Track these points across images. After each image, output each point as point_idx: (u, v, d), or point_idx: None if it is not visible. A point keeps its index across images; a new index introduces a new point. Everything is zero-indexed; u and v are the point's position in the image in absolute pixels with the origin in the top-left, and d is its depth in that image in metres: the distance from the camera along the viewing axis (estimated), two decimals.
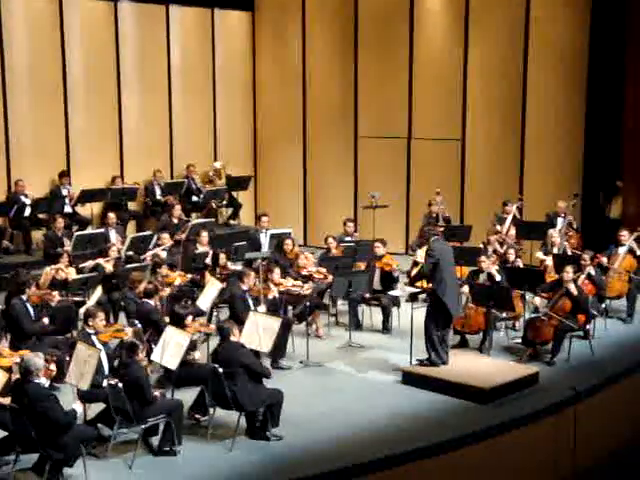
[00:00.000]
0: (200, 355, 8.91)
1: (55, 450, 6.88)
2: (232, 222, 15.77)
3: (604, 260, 11.28)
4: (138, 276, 10.07)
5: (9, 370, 7.41)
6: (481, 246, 12.04)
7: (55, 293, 9.79)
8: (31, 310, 9.25)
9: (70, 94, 14.27)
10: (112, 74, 14.73)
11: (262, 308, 9.69)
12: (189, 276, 11.02)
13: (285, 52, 16.35)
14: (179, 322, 8.67)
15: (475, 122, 14.75)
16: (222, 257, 11.36)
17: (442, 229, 12.63)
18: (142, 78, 15.11)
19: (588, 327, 10.23)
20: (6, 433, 7.25)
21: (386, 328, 11.11)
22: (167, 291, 10.24)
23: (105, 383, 7.69)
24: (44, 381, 7.03)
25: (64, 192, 13.80)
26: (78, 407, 7.17)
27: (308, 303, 10.37)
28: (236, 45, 16.44)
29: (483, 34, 14.52)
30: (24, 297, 9.27)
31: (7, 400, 7.17)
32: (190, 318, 8.87)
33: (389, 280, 11.30)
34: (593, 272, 10.52)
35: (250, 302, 9.79)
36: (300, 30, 16.06)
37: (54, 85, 14.09)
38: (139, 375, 7.56)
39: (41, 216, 13.47)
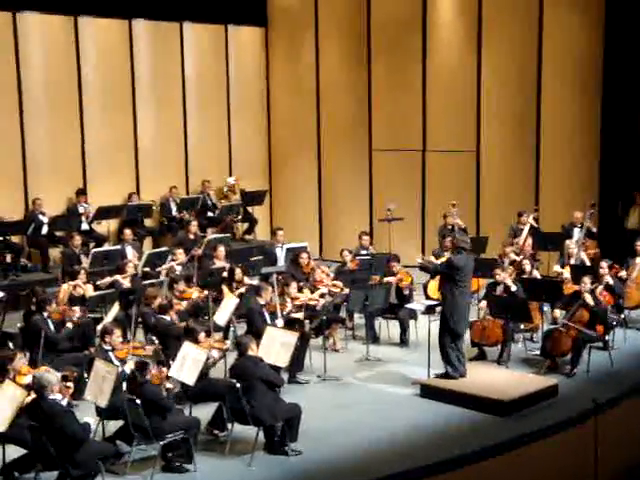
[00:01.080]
0: (218, 355, 8.91)
1: (74, 467, 6.89)
2: (248, 237, 15.80)
3: (623, 273, 11.21)
4: (153, 292, 10.10)
5: (28, 387, 7.42)
6: (497, 258, 11.99)
7: (76, 308, 9.84)
8: (52, 326, 9.33)
9: (86, 112, 14.38)
10: (127, 91, 14.84)
11: (280, 322, 9.69)
12: (206, 292, 11.04)
13: (298, 66, 16.41)
14: (193, 338, 8.67)
15: (490, 133, 14.72)
16: (238, 272, 11.37)
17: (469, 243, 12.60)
18: (157, 95, 15.20)
19: (607, 338, 10.16)
20: (26, 451, 7.28)
21: (403, 341, 11.08)
22: (183, 305, 10.27)
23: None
24: (59, 397, 7.05)
25: (81, 210, 13.88)
26: (91, 420, 7.17)
27: (325, 317, 10.36)
28: (250, 60, 16.52)
29: (497, 44, 14.51)
30: (45, 314, 9.35)
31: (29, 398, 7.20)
32: (203, 334, 8.85)
33: (402, 296, 11.27)
34: (611, 282, 10.45)
35: (267, 317, 9.79)
36: (313, 44, 16.13)
37: (70, 103, 14.20)
38: (153, 391, 7.56)
39: (58, 234, 13.56)
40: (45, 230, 13.34)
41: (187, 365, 8.14)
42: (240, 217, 15.63)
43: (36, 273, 13.17)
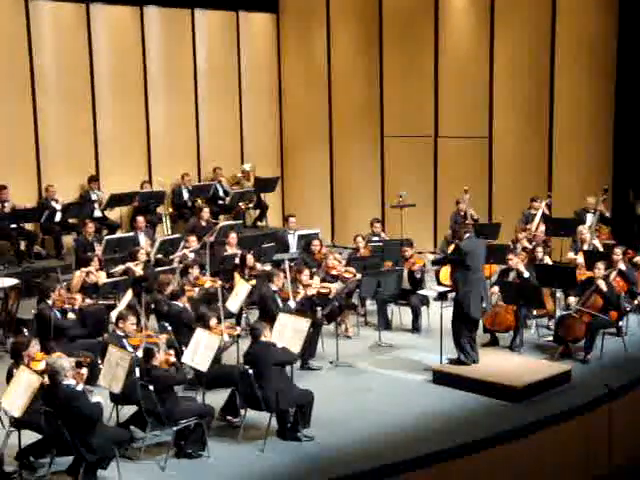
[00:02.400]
0: (229, 340, 8.94)
1: (89, 452, 6.94)
2: (259, 224, 15.81)
3: (637, 258, 11.16)
4: (166, 279, 10.14)
5: (43, 374, 7.47)
6: (510, 244, 11.96)
7: (78, 297, 9.88)
8: (58, 314, 9.38)
9: (98, 100, 14.39)
10: (139, 79, 14.84)
11: (292, 306, 9.70)
12: (220, 282, 11.05)
13: (310, 53, 16.37)
14: (204, 324, 8.70)
15: (502, 119, 14.65)
16: (250, 258, 11.39)
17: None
18: (169, 82, 15.20)
19: (621, 324, 10.13)
20: (41, 436, 7.34)
21: (415, 327, 11.08)
22: (196, 291, 10.30)
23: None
24: (73, 383, 7.10)
25: (93, 197, 13.92)
26: (101, 399, 7.21)
27: (337, 303, 10.36)
28: (261, 47, 16.49)
29: (509, 30, 14.41)
30: (49, 302, 9.42)
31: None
32: (215, 320, 8.88)
33: (416, 281, 11.26)
34: (624, 268, 10.41)
35: (279, 303, 9.81)
36: (325, 31, 16.07)
37: (82, 91, 14.22)
38: (163, 376, 7.60)
39: (71, 221, 13.60)
40: (58, 217, 13.38)
41: (200, 351, 8.16)
42: (252, 204, 15.64)
43: (50, 260, 13.23)
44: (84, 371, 7.41)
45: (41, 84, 13.79)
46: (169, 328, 9.13)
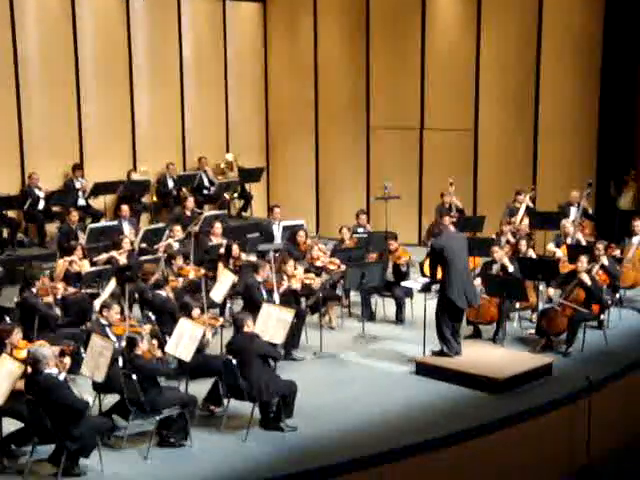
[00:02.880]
0: (212, 339, 8.94)
1: (71, 441, 6.93)
2: (244, 214, 15.79)
3: (617, 252, 11.24)
4: (150, 268, 10.13)
5: (25, 362, 7.45)
6: (494, 237, 12.01)
7: (60, 286, 9.84)
8: (41, 303, 9.34)
9: (82, 87, 14.31)
10: (124, 67, 14.76)
11: (276, 298, 9.71)
12: (203, 271, 11.04)
13: (297, 43, 16.33)
14: (187, 314, 8.69)
15: (488, 112, 14.69)
16: (235, 248, 11.38)
17: (455, 220, 12.65)
18: (154, 71, 15.13)
19: (602, 317, 10.20)
20: (22, 424, 7.32)
21: (399, 319, 11.11)
22: (180, 281, 10.28)
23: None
24: (55, 371, 7.08)
25: (77, 185, 13.85)
26: (89, 398, 7.20)
27: (321, 295, 10.38)
28: (248, 37, 16.43)
29: (495, 23, 14.44)
30: (34, 290, 9.37)
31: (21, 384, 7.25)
32: (198, 310, 8.86)
33: (401, 273, 11.29)
34: (607, 262, 10.48)
35: (264, 293, 9.81)
36: (312, 21, 16.04)
37: (66, 78, 14.13)
38: (146, 366, 7.60)
39: (55, 209, 13.54)
40: (42, 205, 13.32)
41: (183, 341, 8.16)
42: (237, 194, 15.61)
43: (33, 248, 13.16)
44: (67, 360, 7.40)
45: (25, 72, 13.69)
46: (153, 318, 9.12)
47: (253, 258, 11.56)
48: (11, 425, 7.39)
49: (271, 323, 8.72)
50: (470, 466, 8.00)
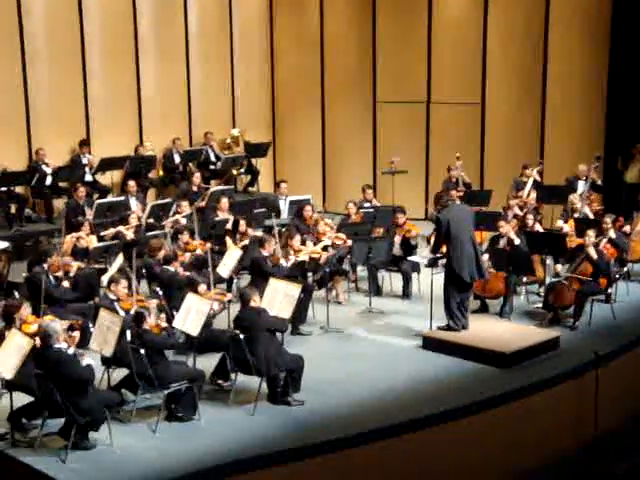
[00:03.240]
0: (219, 309, 8.97)
1: (80, 415, 7.00)
2: (250, 189, 15.77)
3: (626, 227, 11.21)
4: (157, 243, 10.13)
5: (34, 336, 7.50)
6: (501, 211, 11.98)
7: (74, 263, 9.87)
8: (52, 278, 9.37)
9: (88, 62, 14.25)
10: (130, 42, 14.68)
11: (285, 264, 9.73)
12: (209, 245, 11.05)
13: (303, 17, 16.20)
14: (193, 289, 8.71)
15: (495, 85, 14.59)
16: (242, 223, 11.39)
17: (461, 194, 12.61)
18: (160, 45, 15.05)
19: (610, 291, 10.19)
20: (32, 398, 7.38)
21: (406, 294, 11.12)
22: (187, 256, 10.30)
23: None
24: (65, 346, 7.13)
25: (84, 160, 13.85)
26: (92, 362, 7.24)
27: (328, 269, 10.39)
28: (254, 11, 16.30)
29: None
30: (45, 266, 9.40)
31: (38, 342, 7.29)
32: (204, 286, 8.87)
33: (409, 246, 11.29)
34: (614, 236, 10.44)
35: (270, 268, 9.81)
36: None
37: (73, 54, 14.07)
38: (155, 339, 7.64)
39: (62, 185, 13.55)
40: (49, 181, 13.34)
41: (191, 316, 8.19)
42: (243, 169, 15.59)
43: (40, 224, 13.19)
44: (76, 334, 7.45)
45: (31, 47, 13.62)
46: (160, 292, 9.15)
47: (260, 233, 11.56)
48: (22, 399, 7.45)
49: (278, 298, 8.73)
50: (477, 439, 8.04)
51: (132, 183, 12.91)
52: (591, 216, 11.71)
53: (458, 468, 7.94)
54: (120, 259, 9.95)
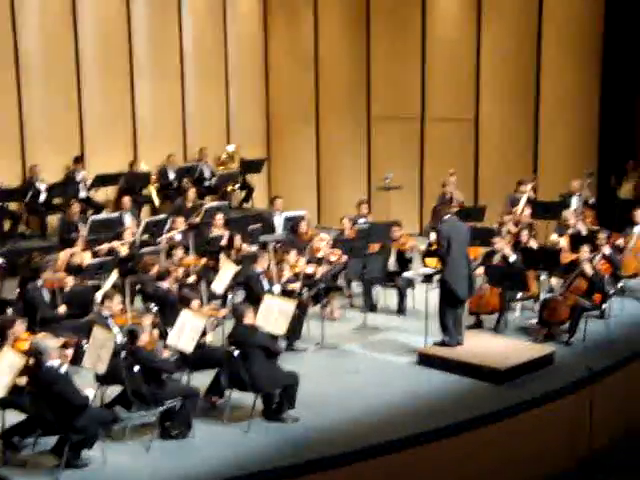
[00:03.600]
0: (212, 339, 8.94)
1: (74, 432, 6.96)
2: (245, 205, 15.78)
3: (620, 241, 11.24)
4: (151, 259, 10.12)
5: (28, 353, 7.46)
6: (495, 226, 11.99)
7: (69, 278, 9.84)
8: (46, 295, 9.32)
9: (83, 79, 14.28)
10: (125, 58, 14.73)
11: (277, 288, 9.71)
12: (203, 260, 11.04)
13: (297, 34, 16.28)
14: (186, 306, 8.68)
15: (489, 102, 14.66)
16: (238, 239, 11.37)
17: (456, 209, 12.63)
18: (155, 62, 15.09)
19: (604, 307, 10.20)
20: (25, 416, 7.33)
21: (401, 310, 11.11)
22: (181, 272, 10.27)
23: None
24: (57, 363, 7.09)
25: (78, 177, 13.84)
26: (90, 392, 7.22)
27: (323, 285, 10.38)
28: (248, 27, 16.38)
29: (497, 13, 14.39)
30: (39, 282, 9.36)
31: (23, 381, 7.26)
32: (197, 302, 8.84)
33: (404, 260, 11.29)
34: (609, 251, 10.47)
35: (265, 284, 9.81)
36: (312, 11, 15.99)
37: (67, 71, 14.10)
38: (149, 357, 7.61)
39: (56, 201, 13.53)
40: (43, 197, 13.32)
41: (185, 333, 8.16)
42: (238, 185, 15.60)
43: (34, 240, 13.16)
44: (69, 352, 7.41)
45: (26, 64, 13.66)
46: (154, 309, 9.12)
47: (255, 249, 11.55)
48: (14, 417, 7.41)
49: (273, 314, 8.72)
50: (472, 456, 8.01)
51: (126, 199, 12.90)
52: (585, 232, 11.74)
53: None
54: (114, 275, 9.93)
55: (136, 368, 7.53)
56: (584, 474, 8.56)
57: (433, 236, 11.61)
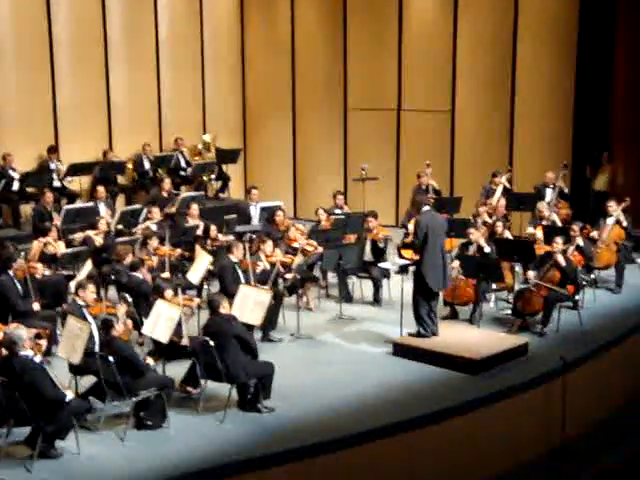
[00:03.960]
0: (187, 332, 8.92)
1: (47, 423, 6.91)
2: (221, 195, 15.73)
3: (594, 234, 11.34)
4: (124, 249, 10.06)
5: (0, 344, 7.40)
6: (470, 218, 12.05)
7: (39, 266, 9.75)
8: (18, 285, 9.22)
9: (57, 67, 14.13)
10: (99, 46, 14.58)
11: (251, 278, 9.69)
12: (179, 250, 11.00)
13: (274, 23, 16.22)
14: (159, 295, 8.64)
15: (465, 93, 14.70)
16: (213, 229, 11.34)
17: (432, 201, 12.67)
18: (130, 50, 14.97)
19: (577, 297, 10.29)
20: None
21: (376, 300, 11.14)
22: (155, 261, 10.23)
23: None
24: (31, 353, 7.04)
25: (52, 166, 13.71)
26: (70, 394, 7.15)
27: (298, 276, 10.38)
28: (224, 16, 16.30)
29: (473, 5, 14.43)
30: (10, 272, 9.26)
31: None
32: (170, 292, 8.78)
33: (379, 250, 11.32)
34: (582, 243, 10.56)
35: (240, 275, 9.79)
36: (289, 1, 15.93)
37: (41, 58, 13.94)
38: (124, 348, 7.57)
39: (30, 190, 13.41)
40: (16, 186, 13.18)
41: (160, 323, 8.14)
42: (214, 175, 15.54)
43: (7, 229, 13.04)
44: (43, 342, 7.36)
45: None
46: (129, 299, 9.08)
47: (230, 239, 11.52)
48: None
49: (249, 305, 8.71)
50: (447, 446, 8.07)
51: (101, 189, 12.81)
52: (559, 223, 11.83)
53: (427, 475, 7.97)
54: (89, 265, 9.86)
55: (111, 358, 7.49)
56: (558, 463, 8.64)
57: (410, 227, 11.66)
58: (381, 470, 7.68)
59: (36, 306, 9.05)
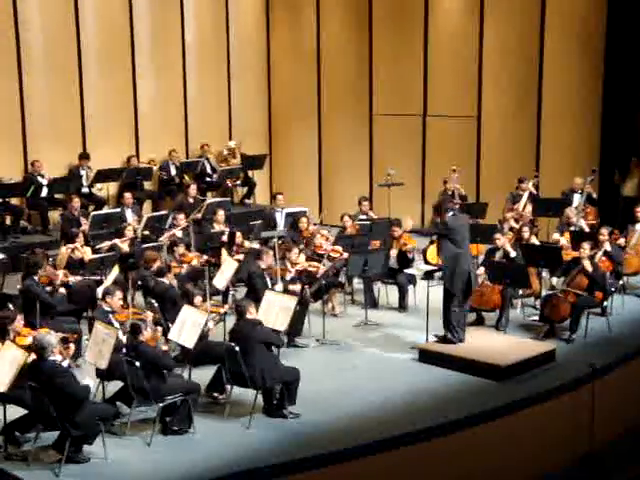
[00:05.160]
0: (214, 326, 8.95)
1: (75, 428, 6.96)
2: (247, 201, 15.78)
3: (621, 240, 11.22)
4: (152, 255, 10.12)
5: (28, 348, 7.46)
6: (497, 223, 11.98)
7: (60, 273, 9.83)
8: (46, 291, 9.33)
9: (85, 73, 14.27)
10: (126, 53, 14.72)
11: (279, 287, 9.71)
12: (205, 257, 11.04)
13: (299, 29, 16.26)
14: (189, 301, 8.69)
15: (491, 99, 14.63)
16: (239, 235, 11.37)
17: (457, 206, 12.62)
18: (156, 57, 15.09)
19: (605, 304, 10.19)
20: (26, 411, 7.34)
21: (402, 306, 11.11)
22: (184, 268, 10.27)
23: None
24: (59, 358, 7.10)
25: (82, 173, 13.84)
26: (90, 382, 7.22)
27: (324, 282, 10.38)
28: (250, 22, 16.36)
29: (499, 10, 14.35)
30: (35, 278, 9.36)
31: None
32: (199, 298, 8.84)
33: (406, 259, 11.28)
34: (610, 248, 10.46)
35: (268, 281, 9.80)
36: (314, 6, 15.96)
37: (69, 65, 14.09)
38: (150, 352, 7.62)
39: (58, 196, 13.53)
40: (45, 192, 13.32)
41: (186, 328, 8.17)
42: (239, 181, 15.59)
43: (36, 235, 13.17)
44: (71, 347, 7.42)
45: (28, 58, 13.66)
46: (155, 305, 9.13)
47: (256, 245, 11.56)
48: (15, 412, 7.41)
49: (274, 310, 8.72)
50: (473, 453, 8.01)
51: (128, 195, 12.90)
52: (587, 229, 11.74)
53: None
54: (115, 271, 9.93)
55: (137, 363, 7.53)
56: (586, 471, 8.55)
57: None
58: (408, 476, 7.64)
59: (62, 290, 9.17)
